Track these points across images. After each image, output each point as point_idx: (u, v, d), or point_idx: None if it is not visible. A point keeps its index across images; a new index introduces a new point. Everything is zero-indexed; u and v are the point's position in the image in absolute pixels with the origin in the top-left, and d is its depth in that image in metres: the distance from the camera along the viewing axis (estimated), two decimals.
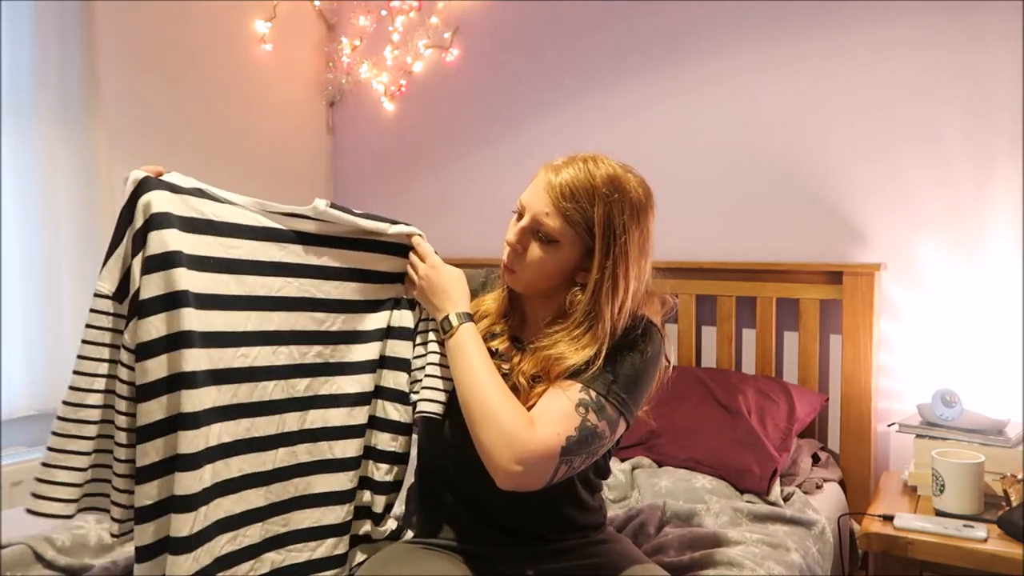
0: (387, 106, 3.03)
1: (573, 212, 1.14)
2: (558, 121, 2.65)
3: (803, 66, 2.23)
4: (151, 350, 1.02)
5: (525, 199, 1.18)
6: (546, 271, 1.18)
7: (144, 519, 1.02)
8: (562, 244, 1.16)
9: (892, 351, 2.13)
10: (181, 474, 1.01)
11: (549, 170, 1.18)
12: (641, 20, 2.49)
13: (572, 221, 1.14)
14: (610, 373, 1.13)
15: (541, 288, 1.21)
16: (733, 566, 1.42)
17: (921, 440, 1.87)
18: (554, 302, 1.23)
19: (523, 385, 1.17)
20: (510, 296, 1.28)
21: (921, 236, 2.09)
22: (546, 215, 1.15)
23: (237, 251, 1.13)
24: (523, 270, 1.19)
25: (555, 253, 1.16)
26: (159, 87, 2.59)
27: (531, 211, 1.16)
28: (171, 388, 1.02)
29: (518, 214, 1.20)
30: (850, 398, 2.09)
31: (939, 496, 1.72)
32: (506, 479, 1.07)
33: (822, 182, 2.22)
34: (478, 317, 1.27)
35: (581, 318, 1.16)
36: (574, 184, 1.14)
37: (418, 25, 2.93)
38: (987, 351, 2.00)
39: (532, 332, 1.26)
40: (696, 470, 1.87)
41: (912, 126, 2.09)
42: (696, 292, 2.33)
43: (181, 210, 1.10)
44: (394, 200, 3.06)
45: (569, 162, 1.18)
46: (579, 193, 1.14)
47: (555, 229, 1.14)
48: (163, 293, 1.03)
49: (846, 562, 1.89)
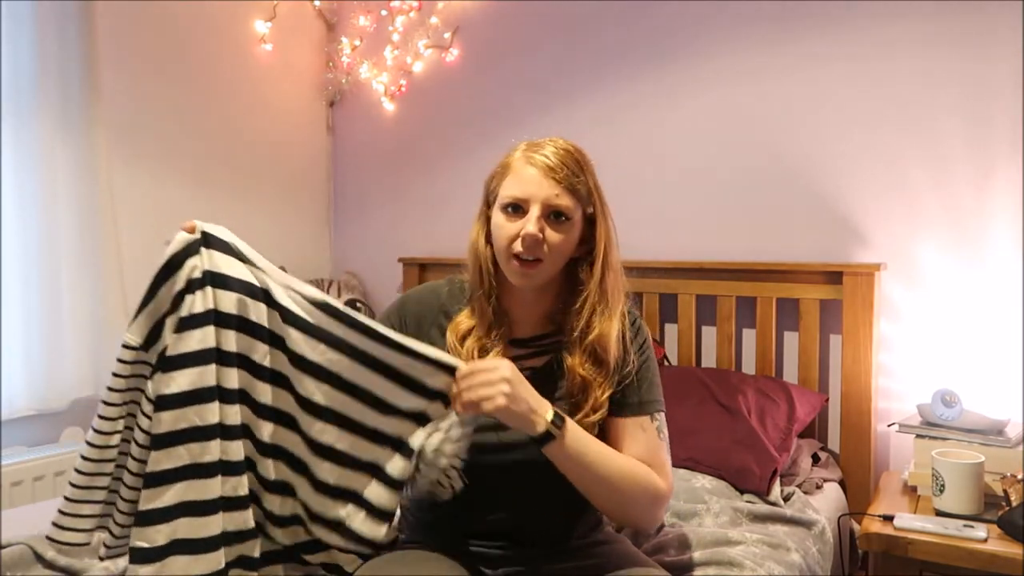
0: (387, 106, 3.03)
1: (578, 184, 1.19)
2: (558, 121, 2.64)
3: (804, 66, 2.23)
4: (170, 403, 1.05)
5: (524, 191, 1.18)
6: (565, 251, 1.21)
7: (149, 559, 1.04)
8: (573, 220, 1.20)
9: (892, 351, 2.13)
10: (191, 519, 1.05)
11: (532, 156, 1.20)
12: (641, 20, 2.49)
13: (579, 195, 1.20)
14: (650, 385, 1.25)
15: (554, 274, 1.23)
16: (733, 566, 1.42)
17: (921, 440, 1.87)
18: (551, 289, 1.25)
19: (579, 380, 1.20)
20: (492, 305, 1.25)
21: (921, 236, 2.09)
22: (557, 196, 1.18)
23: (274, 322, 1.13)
24: (547, 257, 1.19)
25: (569, 230, 1.20)
26: (159, 87, 2.59)
27: (540, 197, 1.18)
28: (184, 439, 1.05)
29: (511, 211, 1.19)
30: (850, 398, 2.09)
31: (939, 496, 1.72)
32: (653, 524, 1.33)
33: (822, 182, 2.22)
34: (460, 338, 1.24)
35: (597, 289, 1.21)
36: (567, 160, 1.19)
37: (418, 25, 2.92)
38: (987, 351, 2.00)
39: (528, 329, 1.27)
40: (696, 470, 1.86)
41: (912, 126, 2.09)
42: (696, 292, 2.33)
43: (228, 269, 1.11)
44: (394, 200, 3.06)
45: (538, 145, 1.22)
46: (574, 167, 1.19)
47: (569, 206, 1.19)
48: (193, 351, 1.06)
49: (846, 562, 1.89)
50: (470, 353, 1.22)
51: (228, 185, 2.83)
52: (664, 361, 2.36)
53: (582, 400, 1.20)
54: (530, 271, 1.19)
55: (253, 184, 2.92)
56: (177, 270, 1.08)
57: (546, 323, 1.28)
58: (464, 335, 1.25)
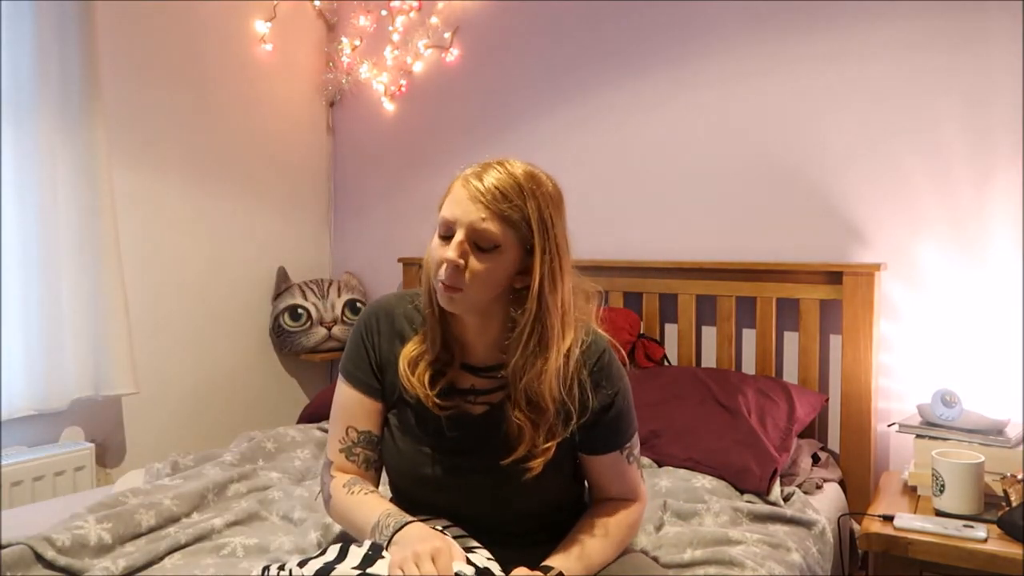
0: (387, 106, 3.03)
1: (510, 212, 1.11)
2: (558, 121, 2.65)
3: (804, 66, 2.23)
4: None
5: (452, 214, 1.13)
6: (492, 281, 1.13)
7: None
8: (503, 248, 1.13)
9: (892, 351, 2.13)
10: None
11: (468, 179, 1.14)
12: (641, 21, 2.49)
13: (510, 221, 1.12)
14: (619, 419, 1.24)
15: (484, 302, 1.16)
16: (734, 566, 1.42)
17: (921, 440, 1.87)
18: (495, 317, 1.19)
19: (522, 421, 1.17)
20: (442, 329, 1.22)
21: (921, 236, 2.09)
22: (482, 220, 1.11)
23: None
24: (468, 287, 1.12)
25: (498, 259, 1.13)
26: (159, 87, 2.59)
27: (465, 222, 1.12)
28: None
29: (443, 234, 1.15)
30: (850, 398, 2.09)
31: (939, 496, 1.72)
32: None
33: (822, 182, 2.22)
34: (411, 364, 1.21)
35: (531, 319, 1.13)
36: (501, 185, 1.12)
37: (418, 25, 2.92)
38: (987, 351, 2.00)
39: (480, 356, 1.23)
40: (696, 470, 1.86)
41: (913, 126, 2.09)
42: (696, 292, 2.33)
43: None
44: (394, 200, 3.06)
45: (485, 168, 1.15)
46: (509, 193, 1.11)
47: (495, 234, 1.11)
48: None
49: (846, 562, 1.89)
50: (421, 379, 1.19)
51: (228, 185, 2.83)
52: (664, 361, 2.36)
53: (517, 445, 1.17)
54: (453, 295, 1.14)
55: (253, 184, 2.92)
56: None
57: (497, 353, 1.21)
58: (415, 361, 1.22)
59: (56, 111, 2.22)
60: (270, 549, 1.47)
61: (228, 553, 1.46)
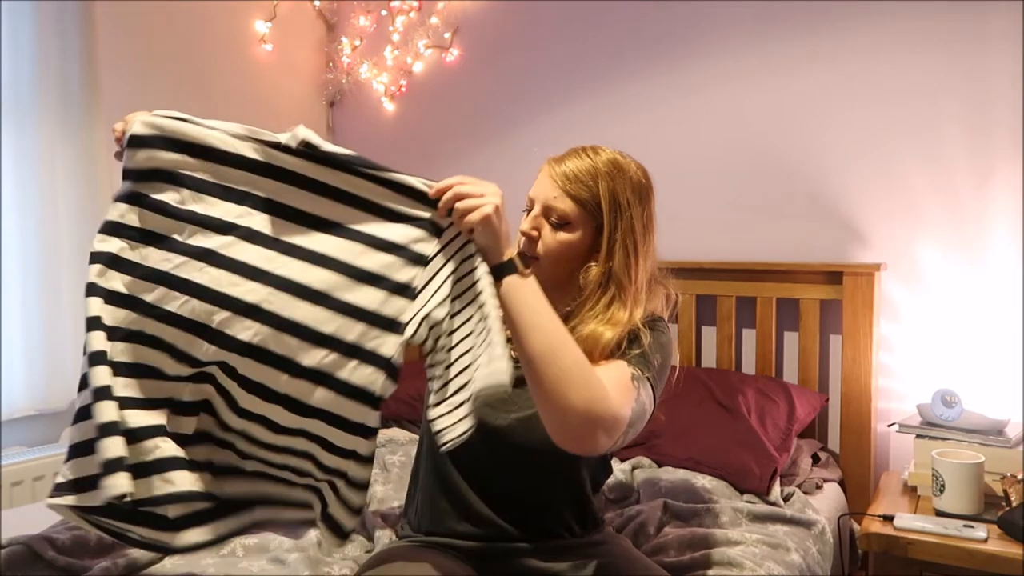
0: (387, 106, 3.03)
1: (580, 191, 1.21)
2: (558, 121, 2.64)
3: (804, 66, 2.23)
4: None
5: (532, 192, 1.25)
6: (563, 254, 1.22)
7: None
8: (574, 225, 1.22)
9: (892, 351, 2.13)
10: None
11: (552, 162, 1.25)
12: (641, 21, 2.49)
13: (580, 200, 1.21)
14: (645, 356, 1.17)
15: (559, 275, 1.23)
16: (733, 566, 1.42)
17: (921, 440, 1.87)
18: (567, 292, 1.25)
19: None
20: None
21: (921, 236, 2.09)
22: (554, 199, 1.21)
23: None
24: (543, 257, 1.22)
25: (568, 235, 1.22)
26: (159, 87, 2.59)
27: (540, 200, 1.23)
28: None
29: (528, 209, 1.26)
30: (850, 398, 2.09)
31: (939, 496, 1.72)
32: (573, 440, 1.02)
33: (822, 182, 2.22)
34: None
35: (596, 290, 1.20)
36: (577, 168, 1.22)
37: (418, 25, 2.93)
38: (987, 351, 2.00)
39: None
40: (696, 470, 1.87)
41: (912, 126, 2.09)
42: (696, 292, 2.33)
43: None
44: None
45: (571, 153, 1.26)
46: (583, 175, 1.22)
47: (565, 211, 1.21)
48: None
49: (846, 562, 1.89)
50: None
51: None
52: None
53: None
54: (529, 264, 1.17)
55: None
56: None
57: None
58: None
59: (56, 111, 2.22)
60: (270, 549, 1.47)
61: (228, 553, 1.46)
